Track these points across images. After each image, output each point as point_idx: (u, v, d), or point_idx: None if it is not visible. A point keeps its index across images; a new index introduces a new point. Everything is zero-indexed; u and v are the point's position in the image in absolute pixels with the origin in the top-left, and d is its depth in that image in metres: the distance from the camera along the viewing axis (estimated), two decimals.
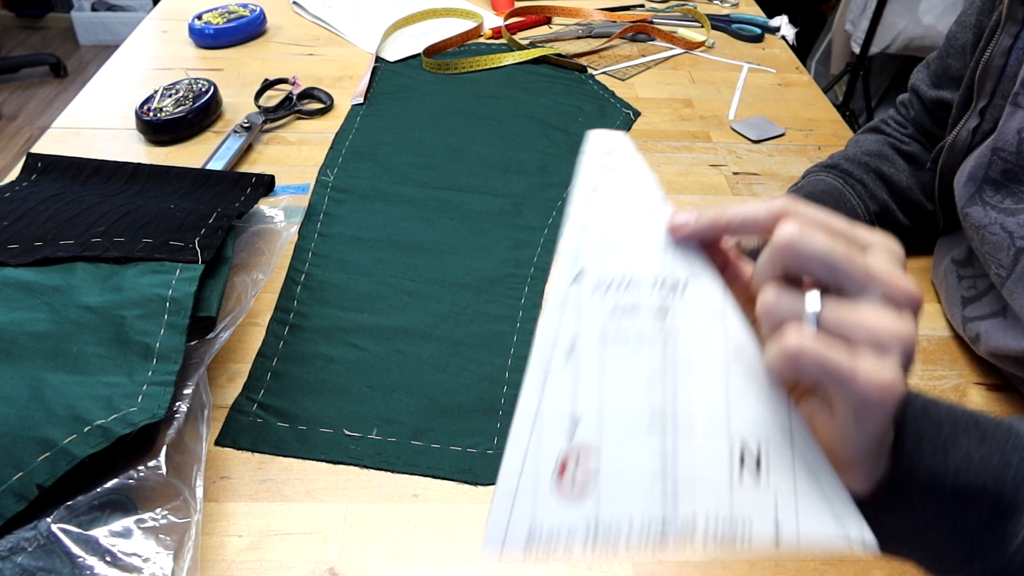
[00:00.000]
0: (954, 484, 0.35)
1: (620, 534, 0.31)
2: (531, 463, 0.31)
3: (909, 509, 0.35)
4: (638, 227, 0.35)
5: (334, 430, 0.59)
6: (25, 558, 0.46)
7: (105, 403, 0.51)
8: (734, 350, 0.32)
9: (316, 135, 0.95)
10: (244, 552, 0.51)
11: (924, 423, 0.36)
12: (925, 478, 0.35)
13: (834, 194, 0.72)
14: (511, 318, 0.69)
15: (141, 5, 3.19)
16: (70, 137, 0.93)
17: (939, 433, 0.35)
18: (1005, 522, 0.35)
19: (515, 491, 0.31)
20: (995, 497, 0.35)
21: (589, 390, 0.32)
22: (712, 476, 0.31)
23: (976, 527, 0.36)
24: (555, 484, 0.31)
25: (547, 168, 0.90)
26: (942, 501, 0.35)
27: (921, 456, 0.35)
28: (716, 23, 1.27)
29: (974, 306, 0.65)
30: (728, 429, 0.32)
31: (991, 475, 0.35)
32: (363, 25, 1.22)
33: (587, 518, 0.31)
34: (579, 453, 0.31)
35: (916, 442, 0.35)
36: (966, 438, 0.36)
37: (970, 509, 0.35)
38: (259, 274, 0.70)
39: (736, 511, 0.31)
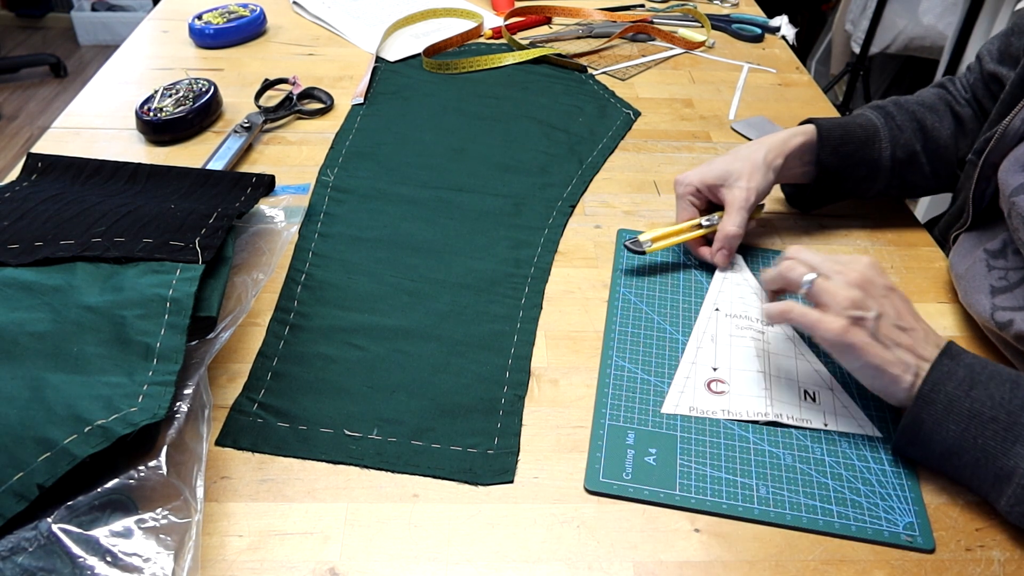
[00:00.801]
0: (970, 409, 0.52)
1: (741, 414, 0.61)
2: (691, 380, 0.64)
3: (936, 425, 0.54)
4: (748, 295, 0.73)
5: (334, 430, 0.59)
6: (26, 558, 0.46)
7: (106, 403, 0.51)
8: (798, 345, 0.67)
9: (316, 135, 0.95)
10: (244, 552, 0.51)
11: (951, 365, 0.55)
12: (944, 400, 0.53)
13: (868, 129, 0.78)
14: (511, 318, 0.69)
15: (141, 5, 3.19)
16: (70, 137, 0.93)
17: (964, 373, 0.54)
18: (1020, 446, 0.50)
19: (683, 387, 0.63)
20: (1007, 424, 0.51)
21: (723, 356, 0.66)
22: (790, 400, 0.62)
23: (994, 448, 0.51)
24: (706, 388, 0.63)
25: (547, 168, 0.90)
26: (960, 421, 0.53)
27: (944, 386, 0.54)
28: (716, 23, 1.27)
29: (1004, 296, 0.65)
30: (798, 382, 0.64)
31: (1004, 409, 0.52)
32: (363, 25, 1.22)
33: (723, 404, 0.62)
34: (717, 380, 0.64)
35: (940, 373, 0.54)
36: (987, 382, 0.53)
37: (986, 430, 0.52)
38: (259, 274, 0.70)
39: (803, 414, 0.61)
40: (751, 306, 0.71)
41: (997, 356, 0.68)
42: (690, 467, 0.57)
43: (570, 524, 0.54)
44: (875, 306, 0.57)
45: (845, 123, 0.78)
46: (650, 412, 0.61)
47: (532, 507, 0.55)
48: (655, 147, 0.96)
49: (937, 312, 0.72)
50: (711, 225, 0.75)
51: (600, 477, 0.56)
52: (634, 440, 0.59)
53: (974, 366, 0.55)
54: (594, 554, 0.52)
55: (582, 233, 0.81)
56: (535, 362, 0.66)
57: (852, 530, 0.54)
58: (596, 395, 0.63)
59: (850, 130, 0.77)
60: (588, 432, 0.60)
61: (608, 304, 0.71)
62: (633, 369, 0.65)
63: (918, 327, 0.57)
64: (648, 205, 0.85)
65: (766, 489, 0.56)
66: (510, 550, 0.52)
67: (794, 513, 0.55)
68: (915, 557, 0.53)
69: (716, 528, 0.54)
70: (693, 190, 0.76)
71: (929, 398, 0.54)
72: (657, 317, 0.70)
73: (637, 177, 0.90)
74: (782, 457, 0.58)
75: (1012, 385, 0.53)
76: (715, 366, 0.65)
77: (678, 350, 0.67)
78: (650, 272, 0.75)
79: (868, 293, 0.57)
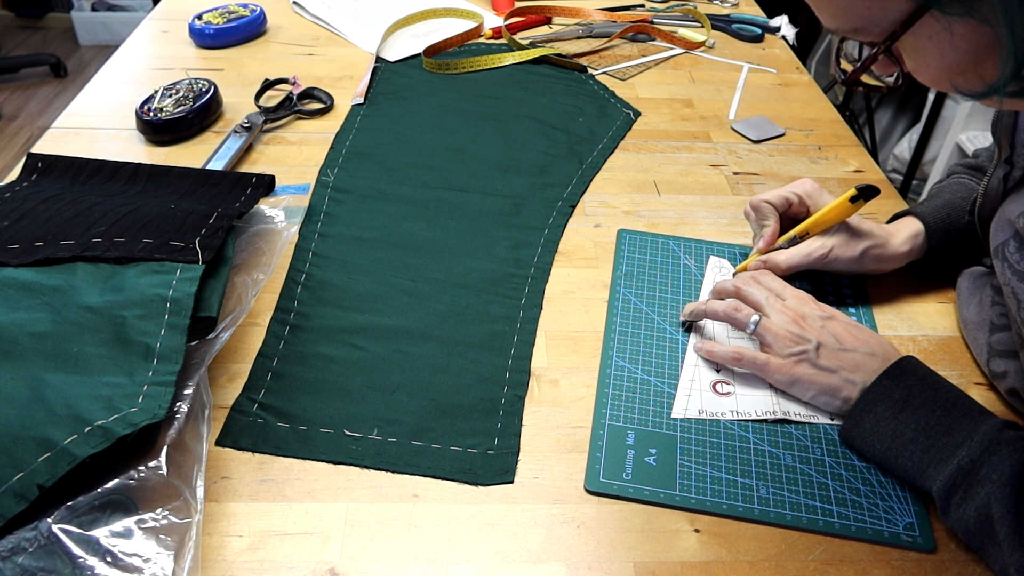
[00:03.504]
0: (893, 431, 0.55)
1: (749, 414, 0.61)
2: (696, 383, 0.64)
3: (863, 442, 0.57)
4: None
5: (335, 430, 0.59)
6: (26, 558, 0.46)
7: (106, 403, 0.51)
8: None
9: (316, 135, 0.95)
10: (245, 552, 0.51)
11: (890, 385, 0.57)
12: (872, 420, 0.57)
13: (971, 199, 0.70)
14: (511, 318, 0.69)
15: (141, 5, 3.19)
16: (70, 137, 0.93)
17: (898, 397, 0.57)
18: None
19: (689, 391, 0.63)
20: (924, 446, 0.54)
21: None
22: (795, 397, 0.63)
23: (911, 468, 0.54)
24: (712, 390, 0.63)
25: (547, 168, 0.90)
26: (883, 440, 0.56)
27: (875, 407, 0.57)
28: (716, 23, 1.27)
29: (1001, 336, 0.64)
30: None
31: (925, 433, 0.54)
32: (363, 25, 1.22)
33: (730, 406, 0.62)
34: (722, 381, 0.64)
35: (875, 393, 0.57)
36: (919, 407, 0.55)
37: (905, 451, 0.55)
38: (259, 274, 0.70)
39: (809, 410, 0.62)
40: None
41: None
42: (690, 467, 0.57)
43: (570, 524, 0.54)
44: (814, 336, 0.61)
45: (947, 200, 0.72)
46: (650, 412, 0.61)
47: (532, 507, 0.55)
48: (655, 147, 0.96)
49: (936, 312, 0.72)
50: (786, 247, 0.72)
51: (600, 477, 0.56)
52: (634, 440, 0.59)
53: (913, 388, 0.56)
54: (594, 554, 0.52)
55: (582, 233, 0.81)
56: (535, 362, 0.66)
57: (852, 530, 0.54)
58: (596, 395, 0.63)
59: (956, 205, 0.72)
60: (588, 432, 0.60)
61: (608, 304, 0.71)
62: (633, 369, 0.65)
63: (860, 346, 0.60)
64: (648, 205, 0.85)
65: (766, 489, 0.56)
66: (510, 550, 0.52)
67: (794, 513, 0.55)
68: (915, 557, 0.53)
69: (716, 528, 0.54)
70: (784, 200, 0.72)
71: (859, 417, 0.57)
72: (657, 317, 0.70)
73: (637, 177, 0.90)
74: (782, 457, 0.58)
75: (942, 412, 0.55)
76: (718, 368, 0.65)
77: (678, 350, 0.67)
78: (650, 272, 0.75)
79: (804, 327, 0.62)
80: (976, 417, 0.54)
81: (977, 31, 0.41)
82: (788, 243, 0.71)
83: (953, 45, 0.42)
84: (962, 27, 0.41)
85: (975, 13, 0.40)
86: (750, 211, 0.74)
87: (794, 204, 0.73)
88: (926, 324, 0.71)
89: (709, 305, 0.66)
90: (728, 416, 0.61)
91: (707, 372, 0.65)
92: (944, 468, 0.52)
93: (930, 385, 0.57)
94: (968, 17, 0.40)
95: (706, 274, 0.75)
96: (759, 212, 0.73)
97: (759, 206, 0.73)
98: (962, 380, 0.66)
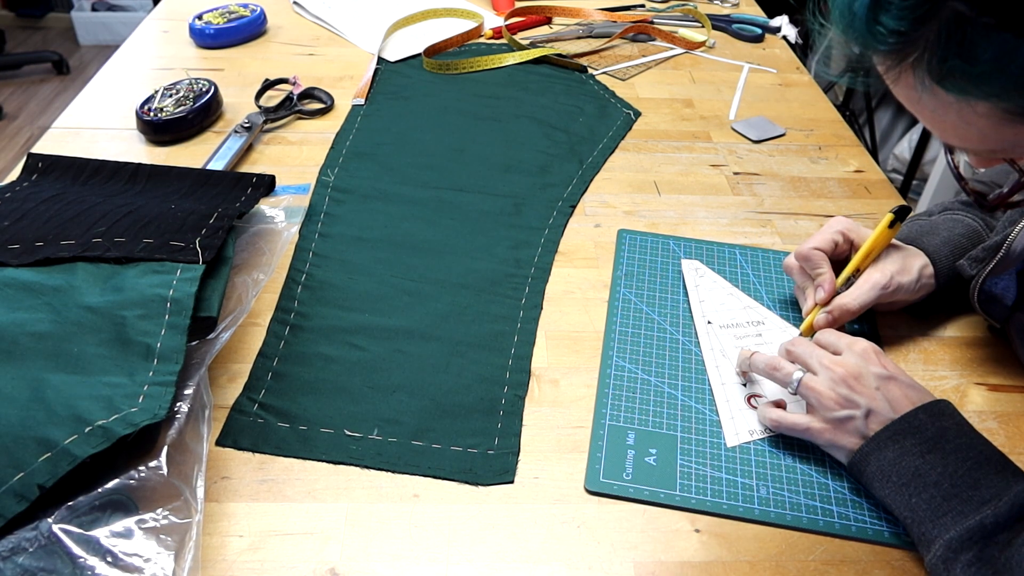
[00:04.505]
0: (917, 468, 0.52)
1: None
2: (732, 402, 0.63)
3: (879, 471, 0.53)
4: (728, 299, 0.72)
5: (335, 430, 0.59)
6: (26, 558, 0.46)
7: (106, 403, 0.51)
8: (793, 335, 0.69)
9: (317, 135, 0.95)
10: (245, 552, 0.51)
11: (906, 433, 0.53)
12: (896, 451, 0.53)
13: (972, 238, 0.69)
14: (512, 318, 0.69)
15: (141, 5, 3.19)
16: (71, 137, 0.93)
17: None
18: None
19: (732, 415, 0.61)
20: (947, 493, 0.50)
21: None
22: None
23: (924, 511, 0.51)
24: (748, 406, 0.62)
25: (548, 168, 0.90)
26: (904, 475, 0.52)
27: (903, 439, 0.53)
28: (716, 23, 1.27)
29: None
30: None
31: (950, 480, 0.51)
32: (363, 25, 1.22)
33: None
34: (754, 395, 0.63)
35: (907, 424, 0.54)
36: (950, 452, 0.52)
37: (924, 493, 0.51)
38: (260, 274, 0.70)
39: None
40: (734, 309, 0.71)
41: (1000, 359, 0.68)
42: (690, 467, 0.57)
43: (570, 524, 0.54)
44: (865, 402, 0.55)
45: (945, 239, 0.69)
46: (650, 412, 0.61)
47: (532, 507, 0.55)
48: (655, 147, 0.96)
49: (940, 314, 0.72)
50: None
51: (600, 477, 0.56)
52: (634, 440, 0.59)
53: (948, 431, 0.53)
54: (594, 554, 0.52)
55: (582, 233, 0.81)
56: (535, 362, 0.66)
57: (852, 530, 0.54)
58: (596, 395, 0.63)
59: (955, 243, 0.69)
60: (588, 432, 0.60)
61: (608, 304, 0.71)
62: (633, 369, 0.65)
63: (912, 408, 0.55)
64: (648, 205, 0.85)
65: (766, 489, 0.56)
66: (510, 550, 0.52)
67: (794, 513, 0.55)
68: (915, 557, 0.53)
69: (716, 528, 0.54)
70: (831, 242, 0.68)
71: (883, 444, 0.53)
72: (657, 317, 0.70)
73: (637, 177, 0.90)
74: (782, 457, 0.58)
75: (973, 464, 0.51)
76: (744, 381, 0.64)
77: (678, 350, 0.67)
78: (650, 272, 0.75)
79: (856, 389, 0.55)
80: (1009, 476, 0.50)
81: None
82: (845, 285, 0.66)
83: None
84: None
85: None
86: (794, 264, 0.69)
87: (839, 244, 0.68)
88: (926, 324, 0.71)
89: (754, 359, 0.61)
90: (769, 429, 0.60)
91: (734, 388, 0.64)
92: (962, 521, 0.49)
93: (965, 433, 0.53)
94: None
95: (687, 279, 0.73)
96: (811, 261, 0.67)
97: (809, 255, 0.67)
98: (962, 380, 0.66)
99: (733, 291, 0.73)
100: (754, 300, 0.72)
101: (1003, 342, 0.69)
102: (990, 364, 0.67)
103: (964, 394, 0.65)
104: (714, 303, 0.71)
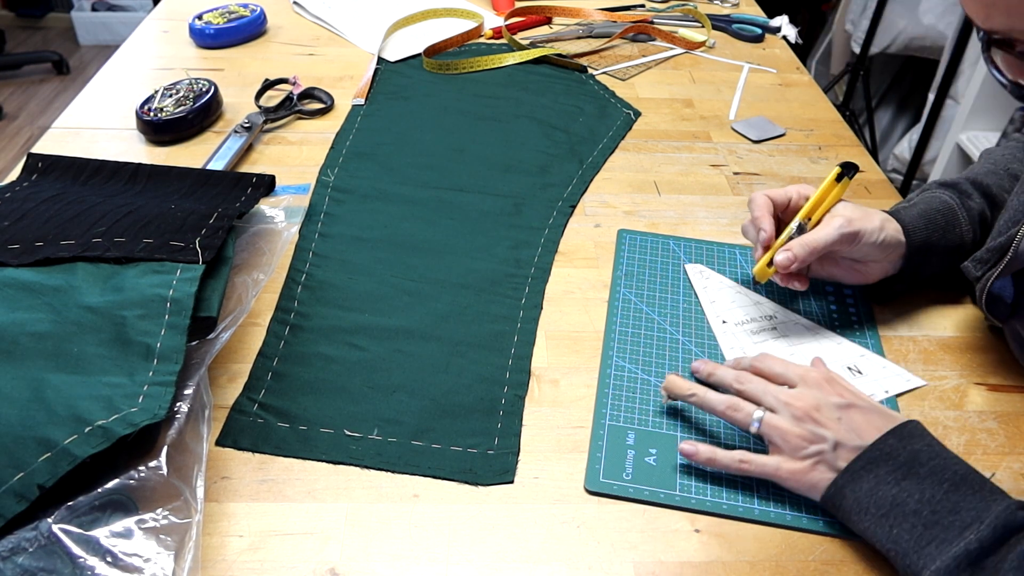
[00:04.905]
0: (894, 497, 0.51)
1: None
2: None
3: (855, 504, 0.52)
4: (737, 297, 0.73)
5: (335, 430, 0.59)
6: (26, 558, 0.46)
7: (106, 403, 0.51)
8: (811, 330, 0.70)
9: (316, 135, 0.95)
10: (245, 552, 0.51)
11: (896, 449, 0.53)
12: (871, 482, 0.52)
13: (947, 214, 0.69)
14: (512, 318, 0.69)
15: (141, 5, 3.19)
16: (71, 137, 0.93)
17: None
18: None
19: None
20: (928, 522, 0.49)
21: None
22: (841, 374, 0.64)
23: (907, 542, 0.49)
24: None
25: (548, 168, 0.90)
26: (882, 506, 0.51)
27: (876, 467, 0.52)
28: (716, 23, 1.27)
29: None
30: (838, 362, 0.66)
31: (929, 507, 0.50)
32: (363, 25, 1.22)
33: None
34: None
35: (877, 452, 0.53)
36: (925, 476, 0.51)
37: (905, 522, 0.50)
38: (260, 274, 0.70)
39: (865, 391, 0.60)
40: (745, 307, 0.72)
41: (1000, 359, 0.68)
42: (690, 467, 0.57)
43: (570, 524, 0.54)
44: (831, 435, 0.53)
45: (921, 211, 0.69)
46: (650, 412, 0.61)
47: (532, 507, 0.55)
48: (655, 147, 0.96)
49: (937, 312, 0.72)
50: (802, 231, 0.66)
51: (600, 477, 0.56)
52: (634, 440, 0.59)
53: (920, 454, 0.52)
54: (594, 554, 0.52)
55: (582, 233, 0.81)
56: (535, 362, 0.66)
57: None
58: (596, 395, 0.63)
59: (930, 217, 0.68)
60: (588, 432, 0.60)
61: (608, 304, 0.71)
62: (633, 369, 0.65)
63: (881, 435, 0.53)
64: (648, 205, 0.85)
65: (766, 489, 0.56)
66: (510, 550, 0.52)
67: (794, 513, 0.55)
68: None
69: (716, 528, 0.54)
70: (783, 195, 0.68)
71: (857, 475, 0.52)
72: (657, 317, 0.70)
73: (637, 177, 0.90)
74: None
75: (950, 486, 0.50)
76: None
77: (678, 350, 0.67)
78: (650, 272, 0.75)
79: (820, 422, 0.54)
80: (987, 496, 0.49)
81: None
82: (797, 231, 0.65)
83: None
84: None
85: None
86: (747, 222, 0.70)
87: (794, 200, 0.68)
88: (926, 324, 0.71)
89: (706, 397, 0.58)
90: None
91: None
92: (947, 549, 0.47)
93: (937, 453, 0.52)
94: None
95: (694, 283, 0.74)
96: (752, 203, 0.69)
97: (754, 198, 0.69)
98: (962, 380, 0.66)
99: (741, 289, 0.73)
100: (762, 296, 0.73)
101: (1003, 342, 0.69)
102: (990, 364, 0.67)
103: (964, 394, 0.65)
104: (725, 302, 0.72)
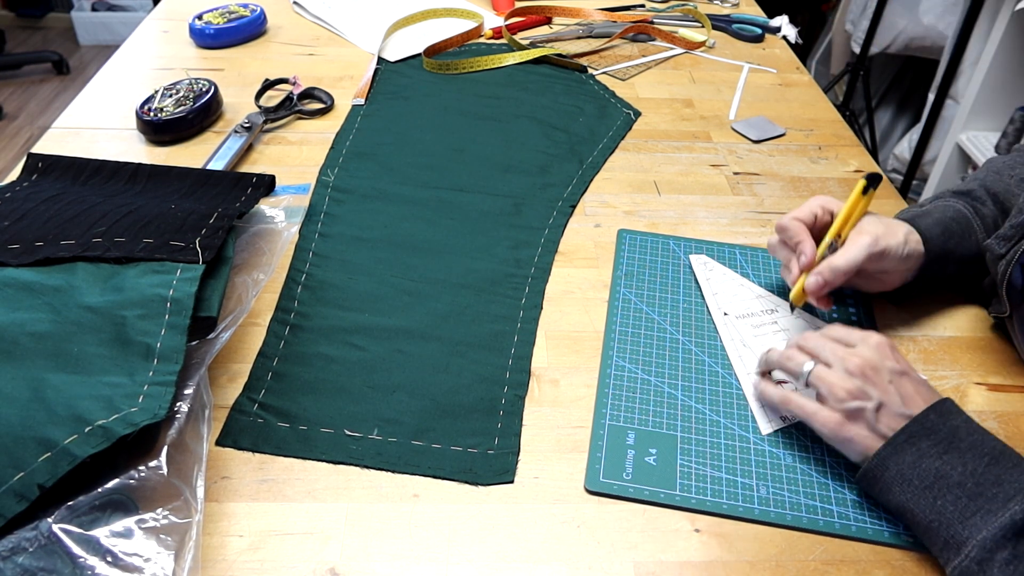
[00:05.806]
0: (938, 470, 0.52)
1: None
2: (753, 379, 0.64)
3: (899, 475, 0.53)
4: (739, 290, 0.73)
5: (335, 430, 0.59)
6: (26, 558, 0.46)
7: (106, 403, 0.52)
8: (814, 325, 0.69)
9: (317, 135, 0.95)
10: (245, 552, 0.51)
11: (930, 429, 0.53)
12: (915, 454, 0.53)
13: (962, 222, 0.69)
14: (512, 318, 0.69)
15: (141, 5, 3.19)
16: (71, 137, 0.93)
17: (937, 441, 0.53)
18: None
19: (762, 404, 0.62)
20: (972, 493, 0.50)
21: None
22: None
23: (951, 514, 0.50)
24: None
25: (548, 168, 0.90)
26: (926, 478, 0.52)
27: (919, 440, 0.53)
28: (716, 23, 1.27)
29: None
30: None
31: (973, 479, 0.51)
32: (363, 25, 1.22)
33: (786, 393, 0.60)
34: (780, 381, 0.62)
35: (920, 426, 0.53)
36: (965, 451, 0.52)
37: (949, 494, 0.51)
38: (260, 274, 0.70)
39: None
40: (747, 300, 0.72)
41: (1000, 359, 0.68)
42: (690, 467, 0.57)
43: (570, 524, 0.54)
44: (877, 395, 0.54)
45: (937, 220, 0.69)
46: (650, 412, 0.61)
47: (532, 507, 0.55)
48: (655, 147, 0.96)
49: (937, 312, 0.72)
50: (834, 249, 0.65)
51: (600, 477, 0.56)
52: (634, 440, 0.59)
53: (959, 430, 0.53)
54: (594, 554, 0.52)
55: (582, 233, 0.81)
56: (535, 362, 0.66)
57: (852, 530, 0.54)
58: (596, 395, 0.63)
59: (946, 225, 0.68)
60: (588, 432, 0.60)
61: (608, 304, 0.71)
62: (633, 369, 0.65)
63: (922, 410, 0.54)
64: (648, 205, 0.85)
65: (766, 489, 0.56)
66: (510, 550, 0.52)
67: (794, 513, 0.55)
68: (915, 557, 0.53)
69: (716, 528, 0.54)
70: (810, 214, 0.67)
71: (900, 448, 0.53)
72: (657, 317, 0.70)
73: (637, 177, 0.90)
74: (782, 457, 0.58)
75: (990, 460, 0.51)
76: (768, 370, 0.63)
77: (678, 350, 0.67)
78: (650, 272, 0.75)
79: (870, 381, 0.55)
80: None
81: None
82: (829, 251, 0.65)
83: None
84: None
85: None
86: (775, 241, 0.69)
87: (819, 216, 0.67)
88: (926, 324, 0.71)
89: (769, 354, 0.61)
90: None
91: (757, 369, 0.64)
92: (992, 519, 0.49)
93: (976, 429, 0.53)
94: None
95: (697, 273, 0.74)
96: (789, 231, 0.67)
97: (788, 224, 0.67)
98: (962, 380, 0.66)
99: (744, 282, 0.74)
100: (764, 290, 0.73)
101: (1003, 342, 0.69)
102: (990, 364, 0.67)
103: (964, 394, 0.65)
104: (727, 295, 0.72)
